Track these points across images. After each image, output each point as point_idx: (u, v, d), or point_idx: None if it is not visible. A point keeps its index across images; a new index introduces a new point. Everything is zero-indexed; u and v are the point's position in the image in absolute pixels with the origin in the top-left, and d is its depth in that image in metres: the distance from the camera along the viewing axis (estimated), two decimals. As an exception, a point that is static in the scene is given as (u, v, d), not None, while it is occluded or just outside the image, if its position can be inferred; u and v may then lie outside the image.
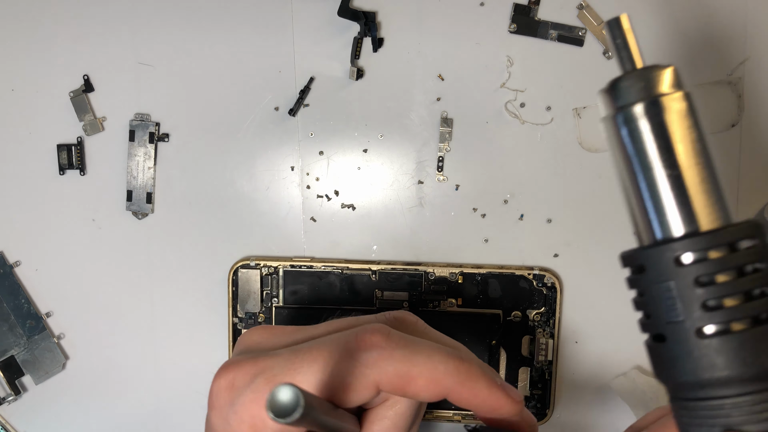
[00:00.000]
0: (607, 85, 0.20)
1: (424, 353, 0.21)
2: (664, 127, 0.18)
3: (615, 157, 0.20)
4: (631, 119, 0.19)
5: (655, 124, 0.18)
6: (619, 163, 0.19)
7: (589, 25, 0.43)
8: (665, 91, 0.19)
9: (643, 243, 0.19)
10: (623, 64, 0.20)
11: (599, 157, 0.44)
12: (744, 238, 0.17)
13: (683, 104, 0.19)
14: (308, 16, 0.43)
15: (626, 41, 0.20)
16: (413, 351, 0.21)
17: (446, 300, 0.44)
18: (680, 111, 0.18)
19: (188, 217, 0.45)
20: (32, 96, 0.44)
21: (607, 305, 0.44)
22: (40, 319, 0.45)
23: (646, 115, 0.18)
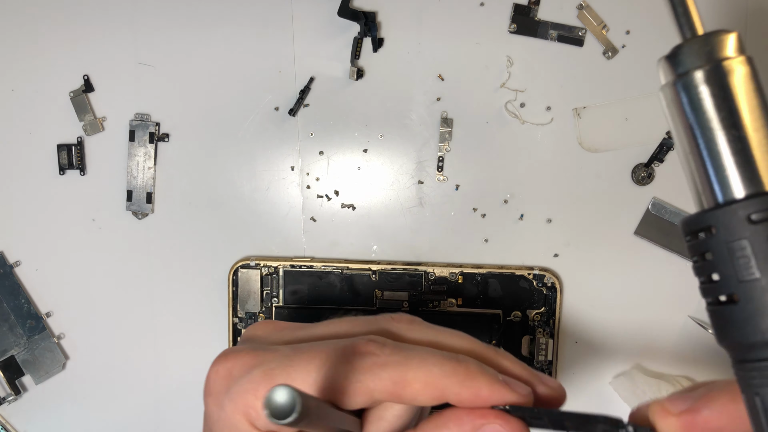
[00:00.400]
0: (668, 53, 0.20)
1: (418, 358, 0.21)
2: (728, 89, 0.18)
3: (675, 124, 0.20)
4: (693, 85, 0.19)
5: (719, 87, 0.18)
6: (679, 130, 0.19)
7: (589, 25, 0.43)
8: (729, 55, 0.19)
9: (705, 207, 0.19)
10: (683, 32, 0.20)
11: (599, 156, 0.44)
12: None
13: (747, 68, 0.19)
14: (308, 16, 0.43)
15: (687, 7, 0.20)
16: (407, 357, 0.21)
17: (446, 300, 0.44)
18: (744, 74, 0.19)
19: (188, 217, 0.45)
20: (32, 96, 0.44)
21: (607, 305, 0.44)
22: (40, 319, 0.45)
23: (709, 80, 0.19)
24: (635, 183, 0.44)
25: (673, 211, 0.43)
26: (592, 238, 0.44)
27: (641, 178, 0.43)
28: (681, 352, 0.44)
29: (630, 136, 0.43)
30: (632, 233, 0.44)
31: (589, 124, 0.43)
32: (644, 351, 0.44)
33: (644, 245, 0.44)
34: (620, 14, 0.43)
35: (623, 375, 0.44)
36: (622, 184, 0.44)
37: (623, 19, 0.43)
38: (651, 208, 0.43)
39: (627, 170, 0.44)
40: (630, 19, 0.43)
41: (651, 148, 0.43)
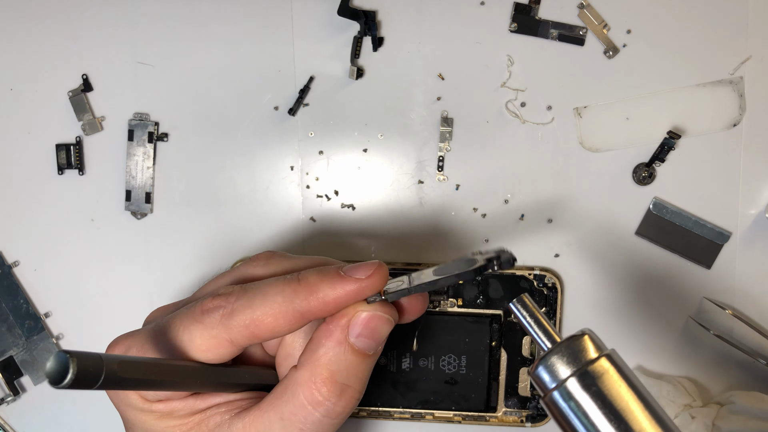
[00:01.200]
0: (535, 369, 0.21)
1: (260, 294, 0.22)
2: (603, 393, 0.20)
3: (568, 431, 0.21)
4: (570, 395, 0.20)
5: (594, 393, 0.20)
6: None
7: (589, 24, 0.42)
8: (591, 357, 0.21)
9: None
10: (542, 344, 0.22)
11: (600, 156, 0.43)
12: None
13: (610, 366, 0.21)
14: (308, 16, 0.43)
15: (538, 319, 0.22)
16: (250, 297, 0.22)
17: (446, 300, 0.44)
18: (610, 373, 0.20)
19: (188, 217, 0.45)
20: (31, 95, 0.44)
21: (607, 305, 0.44)
22: (39, 320, 0.45)
23: (583, 387, 0.20)
24: (636, 183, 0.43)
25: (675, 211, 0.43)
26: (593, 238, 0.44)
27: (642, 178, 0.43)
28: (681, 353, 0.44)
29: (631, 135, 0.43)
30: (633, 233, 0.44)
31: (590, 124, 0.43)
32: (644, 351, 0.44)
33: (645, 245, 0.44)
34: (621, 13, 0.42)
35: (624, 376, 0.44)
36: (623, 183, 0.43)
37: (624, 18, 0.43)
38: (652, 208, 0.43)
39: (628, 170, 0.43)
40: (631, 18, 0.42)
41: (652, 148, 0.43)
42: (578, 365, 0.20)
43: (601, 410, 0.20)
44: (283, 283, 0.22)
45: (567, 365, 0.21)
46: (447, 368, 0.43)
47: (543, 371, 0.21)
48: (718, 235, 0.43)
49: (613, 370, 0.21)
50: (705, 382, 0.44)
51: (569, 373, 0.20)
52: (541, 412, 0.44)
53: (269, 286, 0.22)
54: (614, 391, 0.20)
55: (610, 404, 0.20)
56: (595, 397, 0.20)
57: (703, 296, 0.43)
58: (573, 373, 0.20)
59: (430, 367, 0.43)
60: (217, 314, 0.22)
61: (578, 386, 0.20)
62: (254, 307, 0.21)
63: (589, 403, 0.20)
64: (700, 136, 0.43)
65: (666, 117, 0.43)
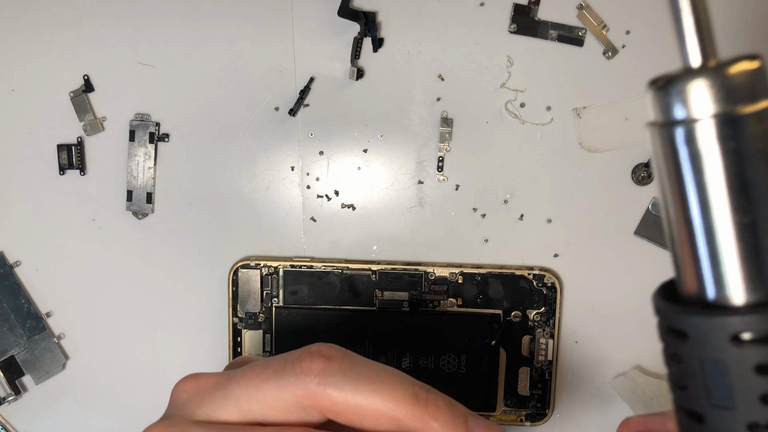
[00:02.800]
0: (663, 80, 0.14)
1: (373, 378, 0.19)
2: (747, 156, 0.13)
3: (664, 183, 0.15)
4: (697, 140, 0.13)
5: (734, 151, 0.13)
6: (669, 191, 0.14)
7: (589, 25, 0.43)
8: (755, 101, 0.13)
9: (686, 295, 0.15)
10: (690, 55, 0.14)
11: (599, 157, 0.44)
12: None
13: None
14: (308, 16, 0.43)
15: (701, 20, 0.14)
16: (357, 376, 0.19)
17: (446, 300, 0.44)
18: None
19: (188, 217, 0.45)
20: (32, 96, 0.44)
21: (607, 305, 0.44)
22: (40, 319, 0.45)
23: (722, 138, 0.13)
24: (635, 183, 0.44)
25: (673, 211, 0.43)
26: (592, 238, 0.44)
27: (641, 178, 0.43)
28: (681, 352, 0.44)
29: (630, 135, 0.43)
30: (632, 233, 0.44)
31: (589, 124, 0.43)
32: (644, 351, 0.44)
33: (644, 245, 0.44)
34: (620, 14, 0.43)
35: (623, 375, 0.44)
36: (622, 184, 0.44)
37: (623, 19, 0.43)
38: (651, 208, 0.43)
39: (627, 170, 0.44)
40: (630, 19, 0.43)
41: (651, 148, 0.43)
42: (731, 105, 0.13)
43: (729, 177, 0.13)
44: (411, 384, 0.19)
45: (716, 98, 0.13)
46: (447, 368, 0.43)
47: (676, 91, 0.13)
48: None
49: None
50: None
51: (714, 112, 0.13)
52: (540, 411, 0.44)
53: (388, 374, 0.19)
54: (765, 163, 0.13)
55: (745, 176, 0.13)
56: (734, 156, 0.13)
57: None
58: (721, 111, 0.13)
59: (430, 366, 0.43)
60: (313, 378, 0.19)
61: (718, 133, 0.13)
62: (357, 389, 0.19)
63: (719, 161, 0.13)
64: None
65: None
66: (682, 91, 0.14)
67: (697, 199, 0.14)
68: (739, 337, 0.14)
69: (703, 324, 0.14)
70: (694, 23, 0.14)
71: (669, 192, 0.14)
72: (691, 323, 0.14)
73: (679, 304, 0.15)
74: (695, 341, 0.14)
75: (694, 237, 0.14)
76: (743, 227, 0.13)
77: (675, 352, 0.15)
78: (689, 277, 0.15)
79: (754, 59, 0.13)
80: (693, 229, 0.14)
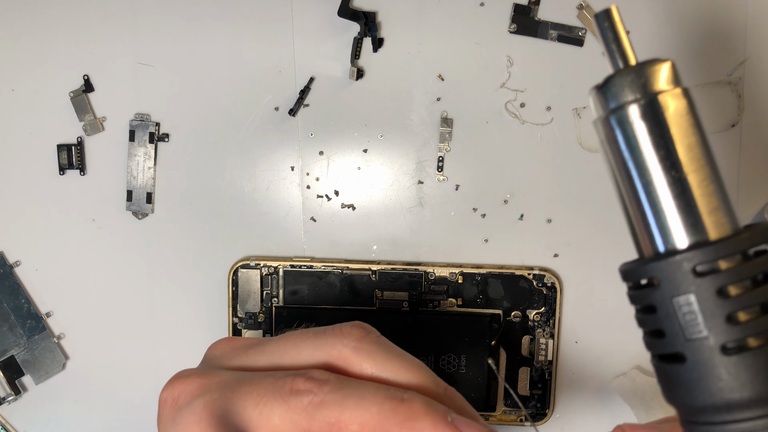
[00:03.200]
0: (598, 84, 0.18)
1: (356, 395, 0.20)
2: (665, 126, 0.17)
3: (610, 162, 0.18)
4: (627, 121, 0.17)
5: (654, 124, 0.17)
6: (614, 169, 0.18)
7: (589, 25, 0.43)
8: (663, 88, 0.17)
9: (645, 255, 0.18)
10: (614, 61, 0.18)
11: (599, 156, 0.44)
12: (759, 244, 0.16)
13: (683, 102, 0.17)
14: (308, 16, 0.43)
15: (617, 35, 0.19)
16: (345, 395, 0.20)
17: (446, 300, 0.44)
18: (680, 109, 0.17)
19: (188, 217, 0.45)
20: (32, 96, 0.44)
21: (607, 305, 0.44)
22: (40, 319, 0.45)
23: (644, 116, 0.17)
24: (635, 183, 0.43)
25: (673, 211, 0.43)
26: (592, 238, 0.44)
27: (641, 178, 0.43)
28: (681, 352, 0.44)
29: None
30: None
31: (589, 124, 0.43)
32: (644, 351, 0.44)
33: (644, 245, 0.44)
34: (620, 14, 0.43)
35: (623, 375, 0.44)
36: (622, 184, 0.44)
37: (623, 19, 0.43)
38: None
39: (627, 170, 0.44)
40: (630, 19, 0.43)
41: (651, 148, 0.43)
42: (649, 91, 0.17)
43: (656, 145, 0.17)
44: (385, 396, 0.20)
45: (635, 88, 0.17)
46: (447, 368, 0.43)
47: (608, 89, 0.18)
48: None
49: (686, 107, 0.17)
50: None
51: (635, 98, 0.17)
52: (540, 411, 0.44)
53: (368, 392, 0.20)
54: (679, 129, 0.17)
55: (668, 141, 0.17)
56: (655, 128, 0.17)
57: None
58: (638, 98, 0.17)
59: (430, 366, 0.43)
60: (305, 399, 0.20)
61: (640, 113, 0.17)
62: (345, 407, 0.20)
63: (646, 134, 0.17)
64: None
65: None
66: (613, 86, 0.18)
67: (635, 167, 0.17)
68: (696, 269, 0.16)
69: (668, 265, 0.17)
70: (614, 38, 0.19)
71: (616, 170, 0.18)
72: (658, 268, 0.17)
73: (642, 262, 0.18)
74: (664, 283, 0.17)
75: (640, 201, 0.17)
76: (674, 181, 0.17)
77: (649, 304, 0.17)
78: (644, 238, 0.18)
79: (665, 61, 0.18)
80: (638, 193, 0.17)
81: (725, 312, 0.16)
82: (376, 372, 0.21)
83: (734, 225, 0.17)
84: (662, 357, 0.18)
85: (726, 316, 0.16)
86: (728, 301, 0.16)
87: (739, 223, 0.17)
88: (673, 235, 0.17)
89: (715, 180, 0.17)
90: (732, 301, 0.16)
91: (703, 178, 0.17)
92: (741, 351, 0.16)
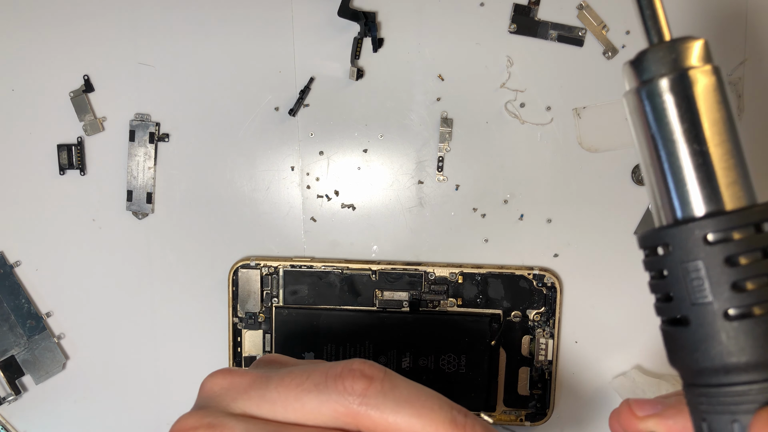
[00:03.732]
0: (632, 58, 0.19)
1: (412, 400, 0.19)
2: (692, 100, 0.18)
3: (637, 133, 0.19)
4: (656, 93, 0.18)
5: (683, 97, 0.18)
6: (640, 140, 0.19)
7: (589, 25, 0.43)
8: (694, 64, 0.18)
9: (663, 223, 0.19)
10: (650, 36, 0.19)
11: (599, 156, 0.44)
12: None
13: (713, 78, 0.18)
14: (308, 16, 0.43)
15: (655, 11, 0.19)
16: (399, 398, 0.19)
17: (446, 300, 0.44)
18: (710, 85, 0.18)
19: (188, 217, 0.45)
20: (32, 96, 0.44)
21: (607, 305, 0.44)
22: (41, 319, 0.45)
23: (673, 89, 0.18)
24: (635, 183, 0.44)
25: (673, 211, 0.43)
26: (592, 238, 0.44)
27: (641, 178, 0.43)
28: (681, 352, 0.44)
29: (630, 136, 0.43)
30: (632, 233, 0.44)
31: (589, 124, 0.43)
32: (644, 351, 0.44)
33: (644, 245, 0.44)
34: (620, 14, 0.43)
35: (623, 375, 0.44)
36: (622, 184, 0.44)
37: (623, 19, 0.43)
38: (651, 208, 0.43)
39: (627, 170, 0.44)
40: (630, 19, 0.43)
41: (651, 148, 0.43)
42: (680, 65, 0.18)
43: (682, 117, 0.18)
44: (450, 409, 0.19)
45: (667, 63, 0.18)
46: (447, 367, 0.43)
47: (640, 63, 0.19)
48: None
49: (714, 83, 0.18)
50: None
51: (666, 71, 0.18)
52: (540, 411, 0.44)
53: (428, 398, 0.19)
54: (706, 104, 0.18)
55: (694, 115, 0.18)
56: (683, 102, 0.18)
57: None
58: (669, 72, 0.18)
59: (430, 366, 0.44)
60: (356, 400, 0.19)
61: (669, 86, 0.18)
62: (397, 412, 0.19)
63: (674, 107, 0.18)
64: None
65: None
66: (645, 59, 0.19)
67: (661, 138, 0.18)
68: (707, 237, 0.17)
69: (679, 232, 0.17)
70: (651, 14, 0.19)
71: (643, 141, 0.19)
72: (671, 234, 0.18)
73: None
74: (675, 249, 0.18)
75: (663, 170, 0.18)
76: (696, 153, 0.18)
77: (660, 268, 0.18)
78: (664, 206, 0.18)
79: (698, 39, 0.19)
80: (662, 163, 0.18)
81: (731, 279, 0.17)
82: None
83: (751, 200, 0.18)
84: (669, 321, 0.18)
85: (731, 284, 0.17)
86: (735, 269, 0.17)
87: (756, 199, 0.18)
88: (691, 203, 0.18)
89: (736, 155, 0.18)
90: (739, 270, 0.17)
91: (724, 152, 0.18)
92: (743, 318, 0.16)
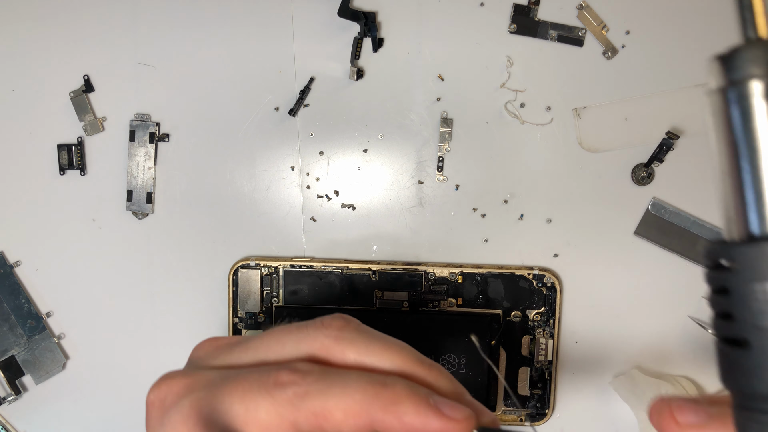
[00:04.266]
0: (722, 53, 0.17)
1: (340, 384, 0.20)
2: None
3: (717, 136, 0.18)
4: (747, 96, 0.17)
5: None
6: (720, 144, 0.17)
7: (588, 25, 0.43)
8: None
9: (734, 237, 0.18)
10: (746, 31, 0.17)
11: (599, 156, 0.44)
12: None
13: None
14: (308, 16, 0.43)
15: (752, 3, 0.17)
16: (329, 384, 0.20)
17: (446, 300, 0.44)
18: None
19: (188, 217, 0.45)
20: (33, 96, 0.44)
21: (607, 305, 0.44)
22: (41, 319, 0.45)
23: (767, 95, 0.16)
24: (635, 183, 0.44)
25: (673, 212, 0.43)
26: (592, 238, 0.44)
27: (641, 178, 0.43)
28: (681, 352, 0.44)
29: (630, 136, 0.43)
30: (632, 233, 0.44)
31: (589, 124, 0.43)
32: (644, 351, 0.44)
33: (644, 245, 0.44)
34: (620, 14, 0.43)
35: (623, 375, 0.44)
36: (621, 184, 0.44)
37: (623, 20, 0.43)
38: (651, 208, 0.44)
39: (627, 170, 0.44)
40: (630, 19, 0.43)
41: (651, 148, 0.43)
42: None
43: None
44: (367, 382, 0.20)
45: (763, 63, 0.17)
46: (447, 367, 0.43)
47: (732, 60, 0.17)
48: (717, 235, 0.43)
49: None
50: (704, 382, 0.44)
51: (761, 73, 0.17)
52: (540, 411, 0.44)
53: (351, 379, 0.20)
54: None
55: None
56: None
57: (702, 296, 0.44)
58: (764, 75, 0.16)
59: (430, 366, 0.43)
60: (290, 391, 0.20)
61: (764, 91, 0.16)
62: (329, 396, 0.20)
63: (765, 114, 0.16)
64: (699, 136, 0.43)
65: (664, 117, 0.43)
66: (738, 57, 0.17)
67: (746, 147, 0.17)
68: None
69: (750, 250, 0.16)
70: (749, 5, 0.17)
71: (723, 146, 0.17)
72: (740, 251, 0.17)
73: None
74: (744, 266, 0.16)
75: (743, 182, 0.17)
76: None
77: (723, 285, 0.17)
78: (739, 219, 0.17)
79: None
80: (742, 174, 0.17)
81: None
82: (358, 359, 0.22)
83: None
84: (727, 340, 0.18)
85: None
86: None
87: None
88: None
89: None
90: None
91: None
92: None
